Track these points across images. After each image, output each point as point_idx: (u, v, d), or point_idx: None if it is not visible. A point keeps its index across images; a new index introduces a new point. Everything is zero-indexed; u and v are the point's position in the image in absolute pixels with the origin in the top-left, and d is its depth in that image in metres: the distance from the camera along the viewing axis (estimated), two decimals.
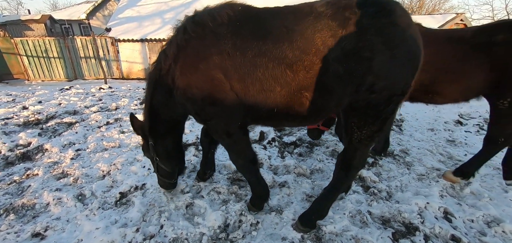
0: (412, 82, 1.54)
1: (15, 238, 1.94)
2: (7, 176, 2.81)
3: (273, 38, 1.48)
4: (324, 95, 1.51)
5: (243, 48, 1.50)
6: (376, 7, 1.41)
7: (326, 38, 1.41)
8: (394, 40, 1.39)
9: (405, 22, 1.44)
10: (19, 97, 6.45)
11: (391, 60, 1.41)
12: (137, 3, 11.52)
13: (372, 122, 1.59)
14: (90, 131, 3.95)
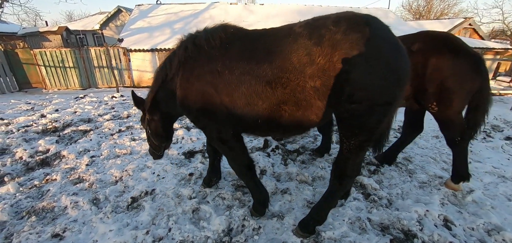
0: (398, 93, 1.59)
1: (36, 238, 2.11)
2: (28, 180, 3.02)
3: (256, 58, 1.67)
4: (301, 108, 1.64)
5: (231, 67, 1.72)
6: (349, 22, 1.53)
7: (302, 57, 1.55)
8: (369, 52, 1.46)
9: (381, 35, 1.54)
10: (37, 105, 6.82)
11: (368, 71, 1.48)
12: (148, 14, 11.96)
13: (358, 133, 1.66)
14: (103, 138, 4.16)
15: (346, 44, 1.48)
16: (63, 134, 4.44)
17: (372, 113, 1.58)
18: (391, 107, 1.63)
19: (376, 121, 1.63)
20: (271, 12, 12.59)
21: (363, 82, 1.50)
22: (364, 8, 13.84)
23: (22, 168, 3.33)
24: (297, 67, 1.56)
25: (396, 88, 1.57)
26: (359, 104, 1.54)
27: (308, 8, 13.09)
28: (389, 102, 1.58)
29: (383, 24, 1.61)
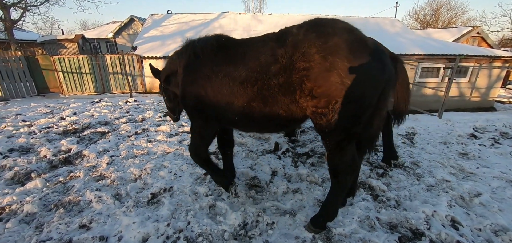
0: (363, 92, 1.59)
1: (65, 228, 2.28)
2: (54, 177, 3.23)
3: (234, 63, 1.92)
4: (268, 104, 1.82)
5: (217, 72, 1.99)
6: (310, 24, 1.71)
7: (268, 57, 1.75)
8: (326, 50, 1.57)
9: (341, 34, 1.61)
10: (56, 108, 7.14)
11: (325, 68, 1.57)
12: (161, 23, 12.40)
13: (329, 131, 1.72)
14: (121, 140, 4.37)
15: (306, 43, 1.63)
16: (83, 135, 4.68)
17: (335, 111, 1.63)
18: (358, 106, 1.63)
19: (345, 120, 1.65)
20: (279, 21, 12.85)
21: (321, 79, 1.58)
22: (371, 17, 13.97)
23: (46, 165, 3.54)
24: (264, 67, 1.76)
25: (358, 88, 1.57)
26: (318, 100, 1.63)
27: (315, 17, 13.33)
28: (352, 100, 1.59)
29: (347, 26, 1.70)
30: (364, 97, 1.61)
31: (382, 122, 1.81)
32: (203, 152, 2.52)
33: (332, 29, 1.64)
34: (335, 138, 1.76)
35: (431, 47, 8.45)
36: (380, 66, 1.63)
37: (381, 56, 1.65)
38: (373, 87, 1.62)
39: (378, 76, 1.62)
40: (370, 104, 1.65)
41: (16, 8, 14.04)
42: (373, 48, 1.64)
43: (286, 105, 1.79)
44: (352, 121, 1.68)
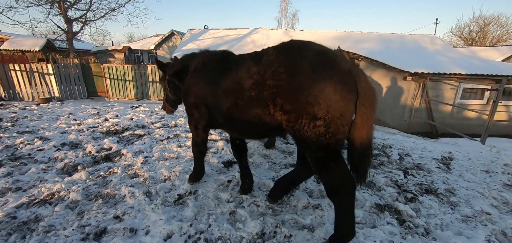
0: (338, 112, 1.63)
1: (102, 217, 2.54)
2: (96, 171, 3.61)
3: (224, 74, 2.23)
4: (244, 113, 2.05)
5: (211, 81, 2.35)
6: (283, 46, 1.90)
7: (244, 72, 2.01)
8: (294, 72, 1.72)
9: (311, 58, 1.72)
10: (102, 111, 7.97)
11: (291, 86, 1.73)
12: (198, 37, 13.28)
13: (307, 147, 1.81)
14: (154, 143, 4.73)
15: (276, 63, 1.82)
16: (122, 136, 5.15)
17: (305, 127, 1.71)
18: (327, 124, 1.66)
19: (320, 136, 1.69)
20: (310, 37, 12.92)
21: (289, 97, 1.75)
22: (408, 34, 13.35)
23: (90, 160, 3.97)
24: (241, 80, 2.01)
25: (322, 106, 1.64)
26: (289, 115, 1.77)
27: (347, 34, 13.14)
28: (319, 118, 1.66)
29: (317, 49, 1.80)
30: (330, 115, 1.65)
31: (365, 141, 1.73)
32: (201, 146, 2.92)
33: (301, 52, 1.79)
34: (315, 154, 1.82)
35: (475, 66, 7.78)
36: (346, 87, 1.65)
37: (348, 76, 1.67)
38: (339, 106, 1.65)
39: (344, 95, 1.65)
40: (339, 122, 1.67)
41: (78, 22, 16.13)
42: (341, 69, 1.69)
43: (260, 116, 1.97)
44: (325, 138, 1.70)
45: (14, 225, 2.44)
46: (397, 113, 8.16)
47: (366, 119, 1.68)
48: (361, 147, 1.73)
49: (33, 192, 3.02)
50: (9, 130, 5.69)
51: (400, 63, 7.94)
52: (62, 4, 14.70)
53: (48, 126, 6.02)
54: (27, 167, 3.73)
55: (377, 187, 3.22)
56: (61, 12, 15.07)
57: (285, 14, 31.75)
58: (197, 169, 3.14)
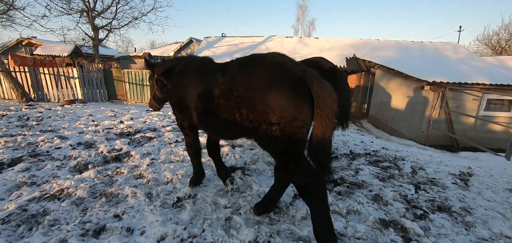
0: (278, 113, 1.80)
1: (103, 215, 2.61)
2: (104, 170, 3.74)
3: (199, 80, 2.39)
4: (214, 117, 2.21)
5: (190, 84, 2.50)
6: (242, 60, 2.10)
7: (213, 81, 2.19)
8: (249, 85, 1.90)
9: (264, 71, 1.89)
10: (118, 113, 8.33)
11: (250, 99, 1.89)
12: (214, 45, 13.60)
13: (269, 149, 2.05)
14: (163, 145, 4.84)
15: (236, 77, 1.99)
16: (134, 138, 5.33)
17: (266, 132, 1.89)
18: (282, 130, 1.83)
19: (277, 140, 1.87)
20: (326, 45, 12.78)
21: (248, 107, 1.91)
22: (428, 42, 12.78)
23: (101, 160, 4.14)
24: (211, 88, 2.19)
25: (277, 115, 1.81)
26: (251, 122, 1.94)
27: (364, 42, 12.83)
28: (275, 122, 1.84)
29: (272, 62, 1.95)
30: (284, 120, 1.81)
31: (319, 140, 1.82)
32: (193, 146, 3.05)
33: (255, 65, 1.97)
34: (277, 157, 2.02)
35: (501, 76, 7.24)
36: (296, 93, 1.80)
37: (299, 83, 1.81)
38: (290, 111, 1.80)
39: (294, 101, 1.80)
40: (293, 125, 1.82)
41: (103, 29, 17.16)
42: (291, 78, 1.83)
43: (228, 122, 2.12)
44: (282, 141, 1.87)
45: (24, 217, 2.58)
46: (414, 124, 7.77)
47: (320, 120, 1.78)
48: (316, 145, 1.84)
49: (45, 187, 3.18)
50: (34, 128, 6.10)
51: (418, 72, 7.61)
52: (90, 13, 15.74)
53: (68, 126, 6.38)
54: (43, 163, 3.96)
55: (384, 201, 3.05)
56: (89, 21, 16.14)
57: (302, 22, 31.76)
58: (196, 171, 3.19)
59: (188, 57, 3.01)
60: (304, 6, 31.45)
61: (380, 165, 4.29)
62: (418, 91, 7.69)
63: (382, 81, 9.86)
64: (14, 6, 9.18)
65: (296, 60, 2.14)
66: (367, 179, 3.61)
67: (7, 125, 6.40)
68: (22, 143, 4.88)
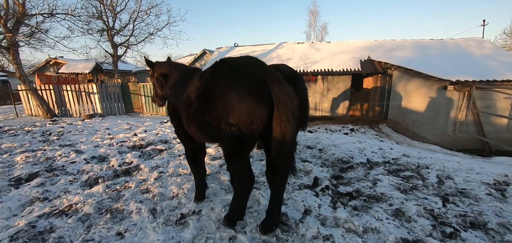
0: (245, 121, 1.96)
1: (106, 233, 2.55)
2: (113, 184, 3.74)
3: (185, 87, 2.49)
4: (193, 122, 2.29)
5: (179, 94, 2.59)
6: (212, 66, 2.24)
7: (191, 87, 2.29)
8: (213, 87, 2.07)
9: (224, 74, 2.08)
10: (133, 126, 8.52)
11: (214, 99, 2.03)
12: (225, 55, 13.71)
13: (221, 144, 2.28)
14: (172, 158, 4.81)
15: (208, 79, 2.16)
16: (145, 151, 5.36)
17: (221, 129, 2.05)
18: (238, 127, 1.99)
19: (230, 138, 2.05)
20: (338, 49, 12.44)
21: (213, 106, 2.05)
22: (449, 39, 12.03)
23: (112, 173, 4.16)
24: (190, 94, 2.27)
25: (232, 115, 1.97)
26: (214, 121, 2.08)
27: (379, 43, 12.34)
28: (233, 123, 1.99)
29: (232, 64, 2.14)
30: (241, 121, 1.97)
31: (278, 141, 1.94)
32: (191, 156, 3.03)
33: (222, 68, 2.14)
34: (225, 151, 2.23)
35: None
36: (254, 96, 1.93)
37: (258, 85, 1.94)
38: (247, 112, 1.94)
39: (252, 103, 1.93)
40: (249, 126, 1.98)
41: (122, 46, 17.96)
42: (251, 80, 1.97)
43: (201, 124, 2.22)
44: (235, 140, 2.06)
45: (31, 234, 2.58)
46: (438, 127, 7.22)
47: (279, 122, 1.88)
48: (275, 146, 1.96)
49: (56, 203, 3.21)
50: (53, 143, 6.35)
51: (439, 71, 7.12)
52: (110, 31, 16.57)
53: (85, 140, 6.59)
54: (58, 178, 4.04)
55: (406, 217, 2.74)
56: (108, 39, 16.97)
57: (314, 27, 31.44)
58: (196, 182, 3.12)
59: (180, 68, 3.18)
60: (315, 11, 31.22)
61: (401, 175, 3.94)
62: (440, 92, 7.16)
63: (400, 83, 9.35)
64: (39, 29, 9.80)
65: (266, 63, 2.23)
66: (386, 191, 3.30)
67: (30, 141, 6.73)
68: (41, 158, 5.06)
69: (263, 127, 2.01)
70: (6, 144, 6.35)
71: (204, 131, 2.32)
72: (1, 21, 8.93)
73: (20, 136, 7.29)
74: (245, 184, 2.34)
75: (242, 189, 2.39)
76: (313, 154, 4.97)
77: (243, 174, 2.29)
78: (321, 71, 10.91)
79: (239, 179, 2.32)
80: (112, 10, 16.50)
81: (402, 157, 4.78)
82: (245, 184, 2.34)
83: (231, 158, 2.22)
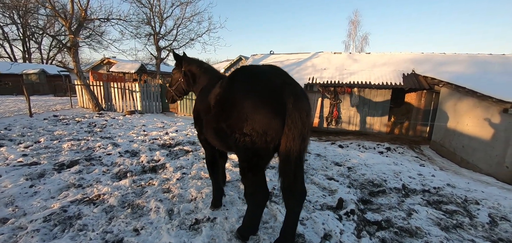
0: (241, 125, 1.93)
1: (124, 227, 2.64)
2: (140, 180, 3.91)
3: (207, 95, 2.50)
4: (210, 128, 2.32)
5: (201, 100, 2.67)
6: (233, 73, 2.22)
7: (213, 93, 2.29)
8: (231, 94, 2.04)
9: (241, 79, 2.08)
10: (167, 125, 8.97)
11: (231, 106, 2.01)
12: (260, 61, 13.81)
13: (237, 154, 2.17)
14: (196, 160, 4.90)
15: (227, 85, 2.14)
16: (173, 150, 5.57)
17: (235, 138, 2.01)
18: (252, 139, 1.92)
19: (244, 149, 2.00)
20: (378, 61, 11.66)
21: (229, 114, 2.02)
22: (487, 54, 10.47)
23: (140, 169, 4.37)
24: (210, 100, 2.30)
25: (248, 125, 1.90)
26: (228, 128, 2.05)
27: (426, 56, 11.25)
28: (247, 133, 1.93)
29: (251, 72, 2.11)
30: (255, 132, 1.89)
31: (285, 155, 1.88)
32: (209, 162, 2.99)
33: (241, 75, 2.12)
34: (241, 163, 2.15)
35: None
36: (269, 107, 1.85)
37: (275, 96, 1.86)
38: (264, 127, 1.86)
39: (267, 115, 1.85)
40: (263, 139, 1.90)
41: (165, 50, 19.31)
42: (267, 90, 1.88)
43: (218, 130, 2.20)
44: (250, 154, 2.00)
45: (61, 218, 2.79)
46: (493, 156, 6.24)
47: (286, 139, 1.82)
48: (280, 162, 1.94)
49: (87, 191, 3.46)
50: (96, 135, 6.98)
51: (499, 91, 6.16)
52: (155, 36, 17.93)
53: (123, 135, 7.11)
54: (93, 167, 4.38)
55: None
56: (154, 42, 18.38)
57: (353, 37, 30.15)
58: (213, 188, 3.06)
59: (209, 73, 3.08)
60: (357, 21, 29.90)
61: (443, 208, 3.43)
62: (499, 115, 6.19)
63: (450, 101, 8.35)
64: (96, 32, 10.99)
65: (288, 74, 2.09)
66: (423, 226, 2.89)
67: (78, 130, 7.50)
68: (83, 147, 5.57)
69: (278, 141, 1.89)
70: (58, 131, 7.17)
71: (220, 138, 2.31)
72: (67, 24, 10.24)
73: (71, 125, 8.18)
74: (259, 199, 2.23)
75: (255, 204, 2.28)
76: (341, 172, 4.62)
77: (257, 189, 2.18)
78: (357, 83, 10.31)
79: (252, 194, 2.22)
80: (160, 17, 17.87)
81: (446, 187, 4.18)
82: (259, 199, 2.23)
83: (244, 171, 2.14)
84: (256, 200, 2.24)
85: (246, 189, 2.25)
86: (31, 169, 4.14)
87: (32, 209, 2.99)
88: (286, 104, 1.80)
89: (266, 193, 2.21)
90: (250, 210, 2.35)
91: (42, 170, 4.14)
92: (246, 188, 2.24)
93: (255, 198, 2.23)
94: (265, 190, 2.20)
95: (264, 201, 2.25)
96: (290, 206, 2.07)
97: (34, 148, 5.44)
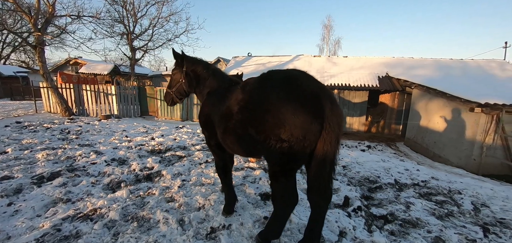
0: (295, 136, 1.84)
1: (134, 242, 2.47)
2: (136, 190, 3.68)
3: (223, 99, 2.45)
4: (232, 133, 2.25)
5: (216, 104, 2.58)
6: (260, 78, 2.14)
7: (234, 99, 2.25)
8: (263, 99, 1.97)
9: (276, 84, 1.97)
10: (150, 129, 8.55)
11: (263, 112, 1.95)
12: (242, 64, 13.81)
13: (268, 160, 2.14)
14: (193, 166, 4.74)
15: (254, 92, 2.07)
16: (165, 156, 5.32)
17: (270, 145, 1.95)
18: (290, 144, 1.87)
19: (280, 155, 1.94)
20: (355, 64, 12.33)
21: (260, 120, 1.97)
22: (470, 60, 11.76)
23: (133, 178, 4.11)
24: (231, 106, 2.24)
25: (284, 131, 1.86)
26: (260, 135, 1.99)
27: (397, 60, 12.17)
28: (284, 139, 1.88)
29: (283, 76, 2.01)
30: (294, 138, 1.85)
31: (319, 160, 1.90)
32: (220, 166, 2.94)
33: (269, 82, 2.04)
34: (272, 169, 2.11)
35: None
36: (308, 110, 1.83)
37: (312, 100, 1.84)
38: (303, 132, 1.84)
39: (305, 119, 1.82)
40: (301, 144, 1.87)
41: (140, 50, 18.36)
42: (305, 94, 1.86)
43: (242, 134, 2.17)
44: (286, 159, 1.96)
45: (57, 238, 2.52)
46: (462, 150, 6.94)
47: (323, 143, 1.84)
48: (314, 166, 1.93)
49: (79, 206, 3.16)
50: (73, 142, 6.41)
51: (463, 92, 6.90)
52: (130, 35, 16.98)
53: (104, 141, 6.62)
54: (80, 179, 4.02)
55: None
56: (128, 42, 17.39)
57: (327, 41, 31.43)
58: (226, 195, 3.02)
59: (218, 76, 2.95)
60: (330, 26, 31.25)
61: (434, 199, 3.74)
62: (466, 114, 6.92)
63: (421, 102, 9.11)
64: (66, 30, 10.10)
65: (315, 77, 2.11)
66: (422, 217, 3.12)
67: (50, 138, 6.81)
68: (61, 157, 5.08)
69: (315, 144, 1.90)
70: (26, 140, 6.44)
71: (243, 144, 2.24)
72: (31, 20, 9.26)
73: (40, 133, 7.41)
74: (289, 204, 2.19)
75: (284, 208, 2.22)
76: (337, 170, 4.81)
77: (288, 193, 2.14)
78: (338, 85, 10.79)
79: (282, 198, 2.16)
80: (134, 15, 16.96)
81: (431, 180, 4.56)
82: (289, 204, 2.19)
83: (277, 176, 2.09)
84: (286, 204, 2.19)
85: (276, 193, 2.19)
86: (4, 184, 3.68)
87: (17, 230, 2.65)
88: (324, 109, 1.82)
89: (296, 197, 2.18)
90: (277, 214, 2.29)
91: (18, 184, 3.70)
92: (275, 192, 2.19)
93: (285, 203, 2.18)
94: (296, 194, 2.18)
95: (294, 205, 2.22)
96: (320, 205, 2.08)
97: (2, 159, 4.84)
